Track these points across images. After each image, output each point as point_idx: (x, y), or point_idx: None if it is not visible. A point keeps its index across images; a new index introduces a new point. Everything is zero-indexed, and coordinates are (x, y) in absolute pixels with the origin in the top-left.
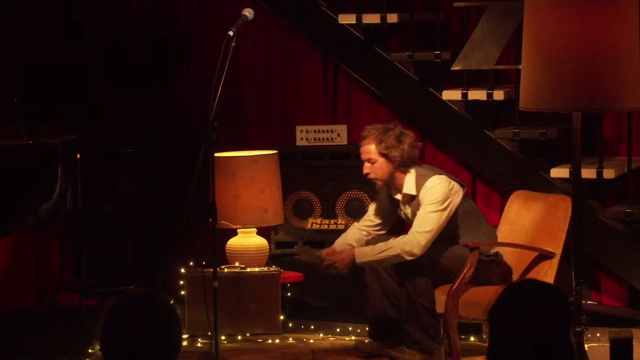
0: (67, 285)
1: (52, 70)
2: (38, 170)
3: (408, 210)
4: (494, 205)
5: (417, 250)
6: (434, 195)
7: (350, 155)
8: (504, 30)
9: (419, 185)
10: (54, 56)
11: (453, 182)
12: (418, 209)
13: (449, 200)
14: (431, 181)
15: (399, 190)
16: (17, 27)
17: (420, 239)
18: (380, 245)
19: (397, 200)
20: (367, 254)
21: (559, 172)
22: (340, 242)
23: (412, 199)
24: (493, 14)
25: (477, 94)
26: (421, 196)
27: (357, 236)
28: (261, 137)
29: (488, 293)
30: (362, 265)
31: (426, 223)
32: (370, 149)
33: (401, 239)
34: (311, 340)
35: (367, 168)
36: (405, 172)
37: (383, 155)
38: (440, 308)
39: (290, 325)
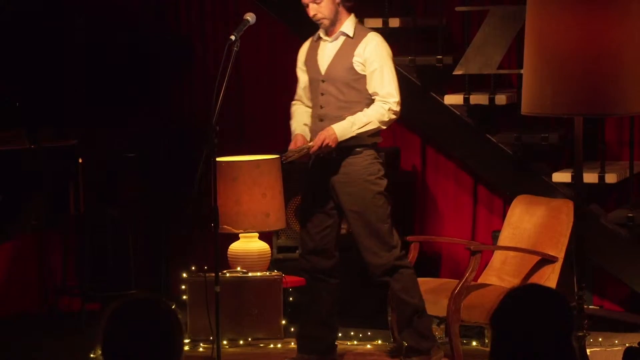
0: (69, 289)
1: (52, 74)
2: (39, 175)
3: (327, 50)
4: (496, 209)
5: (395, 115)
6: (382, 54)
7: None
8: (506, 34)
9: (358, 32)
10: (54, 59)
11: None
12: (345, 58)
13: (391, 55)
14: (372, 37)
15: (333, 32)
16: (16, 29)
17: (392, 106)
18: (361, 119)
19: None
20: (348, 130)
21: (561, 177)
22: (298, 126)
23: (343, 39)
24: (495, 19)
25: (479, 99)
26: (367, 52)
27: (308, 118)
28: (263, 141)
29: (490, 296)
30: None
31: (389, 87)
32: None
33: (376, 110)
34: None
35: (313, 9)
36: (348, 12)
37: None
38: (442, 311)
39: (292, 329)
